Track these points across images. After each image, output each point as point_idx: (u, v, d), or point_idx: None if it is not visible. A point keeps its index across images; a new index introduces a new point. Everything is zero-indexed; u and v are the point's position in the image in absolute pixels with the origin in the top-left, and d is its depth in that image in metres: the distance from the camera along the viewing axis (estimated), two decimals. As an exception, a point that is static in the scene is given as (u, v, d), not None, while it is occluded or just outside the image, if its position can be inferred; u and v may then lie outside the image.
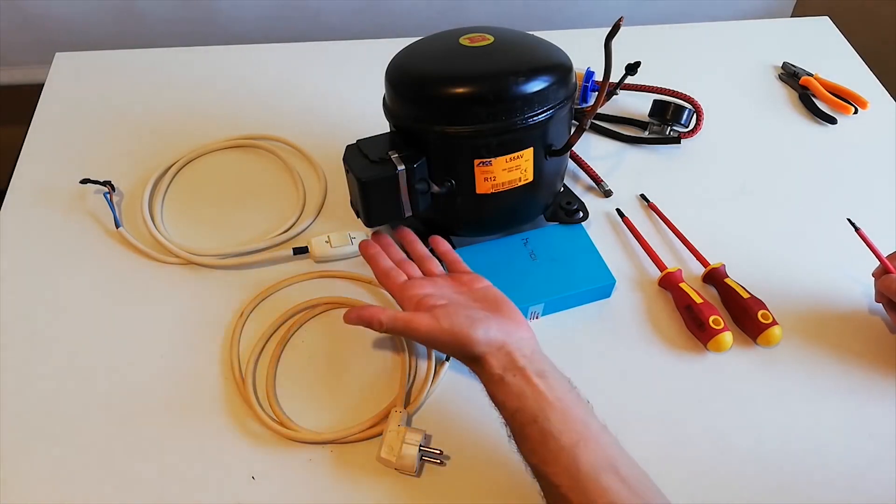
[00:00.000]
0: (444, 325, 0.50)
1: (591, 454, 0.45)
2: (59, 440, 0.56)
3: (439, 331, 0.50)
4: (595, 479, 0.43)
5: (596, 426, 0.47)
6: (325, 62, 0.90)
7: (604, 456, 0.45)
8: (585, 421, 0.47)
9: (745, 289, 0.63)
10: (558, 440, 0.45)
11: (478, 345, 0.49)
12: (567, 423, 0.46)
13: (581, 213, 0.68)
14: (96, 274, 0.66)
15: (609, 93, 0.62)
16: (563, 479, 0.44)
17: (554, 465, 0.45)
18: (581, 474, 0.44)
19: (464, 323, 0.50)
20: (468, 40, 0.58)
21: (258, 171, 0.77)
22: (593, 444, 0.45)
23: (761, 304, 0.61)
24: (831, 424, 0.58)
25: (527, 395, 0.47)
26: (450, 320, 0.51)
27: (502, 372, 0.48)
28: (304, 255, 0.68)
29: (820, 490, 0.54)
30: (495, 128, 0.55)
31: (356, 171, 0.57)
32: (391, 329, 0.53)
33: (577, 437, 0.45)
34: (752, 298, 0.62)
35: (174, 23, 1.15)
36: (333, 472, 0.54)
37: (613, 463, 0.45)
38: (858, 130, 0.83)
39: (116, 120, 0.82)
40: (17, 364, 0.60)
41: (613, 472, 0.44)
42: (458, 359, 0.53)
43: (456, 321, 0.50)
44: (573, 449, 0.44)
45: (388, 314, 0.52)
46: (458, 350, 0.51)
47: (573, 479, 0.44)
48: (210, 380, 0.59)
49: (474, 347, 0.49)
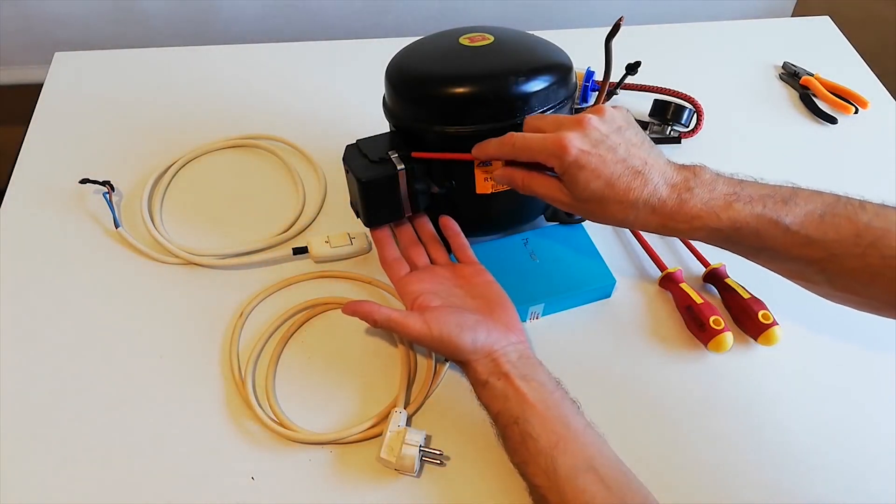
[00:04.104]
0: (434, 332, 0.52)
1: (570, 456, 0.46)
2: (58, 440, 0.55)
3: (429, 337, 0.52)
4: (572, 480, 0.44)
5: (578, 426, 0.48)
6: (325, 62, 0.90)
7: (583, 457, 0.46)
8: (566, 422, 0.48)
9: (746, 289, 0.63)
10: (537, 442, 0.46)
11: (465, 352, 0.52)
12: (547, 425, 0.47)
13: (581, 213, 0.68)
14: (96, 274, 0.66)
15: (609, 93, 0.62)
16: (542, 480, 0.45)
17: (533, 465, 0.46)
18: (559, 476, 0.45)
19: (453, 331, 0.52)
20: (468, 40, 0.58)
21: (258, 171, 0.77)
22: (573, 445, 0.46)
23: (762, 305, 0.61)
24: (831, 425, 0.57)
25: (509, 398, 0.49)
26: (440, 327, 0.52)
27: (487, 376, 0.50)
28: (304, 255, 0.67)
29: (820, 490, 0.54)
30: (495, 128, 0.55)
31: (356, 171, 0.56)
32: (385, 328, 0.54)
33: (556, 439, 0.46)
34: (752, 298, 0.62)
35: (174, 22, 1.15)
36: (333, 472, 0.54)
37: (592, 463, 0.46)
38: (859, 130, 0.83)
39: (116, 120, 0.82)
40: (17, 364, 0.60)
41: (592, 472, 0.45)
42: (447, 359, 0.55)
43: (445, 329, 0.52)
44: (552, 451, 0.46)
45: (382, 314, 0.53)
46: (447, 353, 0.54)
47: (551, 480, 0.45)
48: (210, 380, 0.59)
49: (462, 354, 0.52)
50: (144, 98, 0.84)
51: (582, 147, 0.47)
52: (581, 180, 0.47)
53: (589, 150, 0.47)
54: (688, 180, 0.48)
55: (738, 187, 0.47)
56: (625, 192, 0.47)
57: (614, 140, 0.48)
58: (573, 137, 0.47)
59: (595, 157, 0.47)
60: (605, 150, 0.48)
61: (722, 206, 0.47)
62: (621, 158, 0.48)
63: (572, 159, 0.47)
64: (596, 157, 0.47)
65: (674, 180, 0.48)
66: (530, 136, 0.50)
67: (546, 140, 0.48)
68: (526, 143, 0.50)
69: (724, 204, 0.47)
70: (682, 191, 0.47)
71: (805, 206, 0.46)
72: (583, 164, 0.47)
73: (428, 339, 0.52)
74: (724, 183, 0.48)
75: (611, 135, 0.49)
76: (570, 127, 0.49)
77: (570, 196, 0.49)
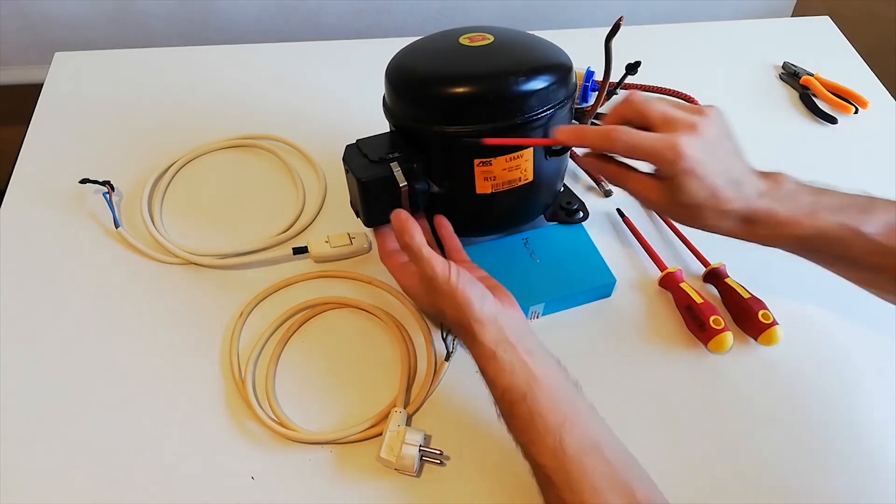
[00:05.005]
0: (453, 280, 0.50)
1: (577, 436, 0.45)
2: (58, 440, 0.55)
3: (446, 283, 0.50)
4: (579, 460, 0.44)
5: (583, 407, 0.47)
6: (324, 62, 0.90)
7: (589, 437, 0.46)
8: (572, 401, 0.47)
9: (746, 289, 0.63)
10: (545, 419, 0.46)
11: (473, 309, 0.50)
12: (554, 402, 0.46)
13: (581, 213, 0.68)
14: (96, 274, 0.66)
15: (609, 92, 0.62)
16: (549, 460, 0.45)
17: (540, 444, 0.45)
18: (566, 455, 0.44)
19: (467, 286, 0.50)
20: (468, 40, 0.58)
21: (258, 171, 0.77)
22: (579, 425, 0.46)
23: (762, 304, 0.61)
24: (832, 424, 0.58)
25: (517, 372, 0.48)
26: (463, 281, 0.50)
27: (494, 347, 0.49)
28: (304, 255, 0.67)
29: (820, 490, 0.54)
30: (495, 128, 0.55)
31: (356, 171, 0.57)
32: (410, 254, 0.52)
33: (563, 418, 0.46)
34: (752, 298, 0.62)
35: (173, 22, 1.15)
36: (333, 472, 0.54)
37: (598, 445, 0.45)
38: (859, 130, 0.83)
39: (116, 120, 0.82)
40: (17, 364, 0.60)
41: (598, 453, 0.45)
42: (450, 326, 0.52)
43: (467, 283, 0.50)
44: (559, 429, 0.45)
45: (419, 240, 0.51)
46: (454, 313, 0.51)
47: (558, 459, 0.44)
48: (210, 380, 0.59)
49: (470, 309, 0.50)
50: (144, 98, 0.84)
51: (695, 155, 0.47)
52: (687, 187, 0.47)
53: (701, 158, 0.47)
54: (773, 189, 0.49)
55: (819, 196, 0.48)
56: (725, 202, 0.48)
57: (721, 148, 0.49)
58: (688, 143, 0.47)
59: (706, 166, 0.47)
60: (715, 160, 0.48)
61: (806, 215, 0.48)
62: (726, 168, 0.48)
63: (687, 166, 0.47)
64: (707, 166, 0.47)
65: (762, 189, 0.48)
66: (638, 135, 0.48)
67: (658, 143, 0.48)
68: (634, 142, 0.48)
69: (808, 212, 0.48)
70: (770, 200, 0.48)
71: (884, 215, 0.47)
72: (694, 172, 0.47)
73: (444, 285, 0.50)
74: (806, 192, 0.49)
75: (718, 142, 0.49)
76: (683, 129, 0.48)
77: (668, 199, 0.49)
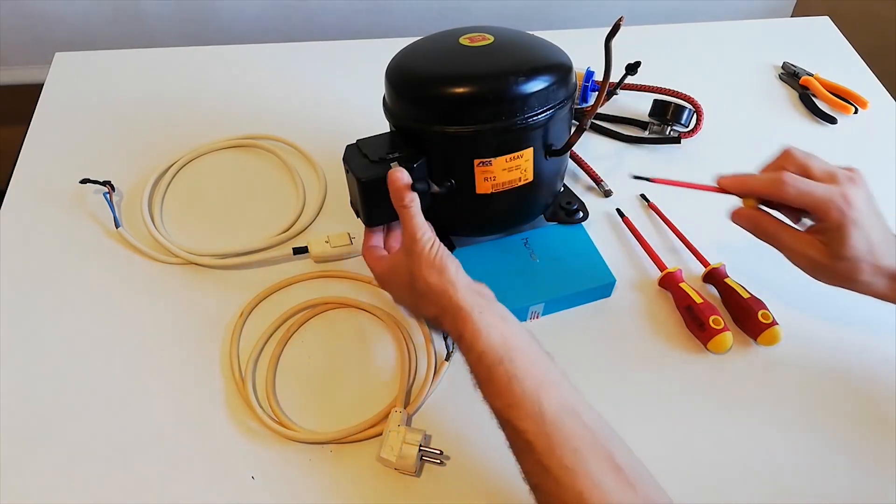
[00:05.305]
0: (433, 253, 0.51)
1: (555, 399, 0.45)
2: (58, 440, 0.56)
3: (428, 247, 0.51)
4: (559, 423, 0.44)
5: (557, 373, 0.48)
6: (325, 62, 0.90)
7: (567, 401, 0.46)
8: (547, 367, 0.48)
9: (746, 289, 0.63)
10: (522, 383, 0.46)
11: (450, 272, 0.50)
12: (530, 366, 0.47)
13: (581, 213, 0.68)
14: (96, 274, 0.66)
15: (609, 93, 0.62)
16: (528, 424, 0.44)
17: (518, 408, 0.45)
18: (545, 419, 0.44)
19: (445, 255, 0.51)
20: (468, 40, 0.58)
21: (258, 171, 0.77)
22: (555, 388, 0.46)
23: (761, 304, 0.61)
24: (832, 424, 0.58)
25: (493, 335, 0.48)
26: (441, 251, 0.51)
27: (470, 309, 0.49)
28: (304, 255, 0.67)
29: (820, 490, 0.54)
30: (495, 128, 0.55)
31: (356, 171, 0.57)
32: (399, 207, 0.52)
33: (540, 382, 0.46)
34: (752, 298, 0.62)
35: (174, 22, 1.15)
36: (333, 472, 0.54)
37: (575, 408, 0.45)
38: (858, 130, 0.83)
39: (116, 120, 0.82)
40: (17, 364, 0.60)
41: (576, 416, 0.45)
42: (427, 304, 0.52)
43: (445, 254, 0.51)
44: (536, 392, 0.45)
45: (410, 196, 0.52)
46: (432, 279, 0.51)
47: (537, 423, 0.44)
48: (210, 380, 0.59)
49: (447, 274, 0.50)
50: (144, 98, 0.84)
51: (862, 207, 0.49)
52: (850, 238, 0.49)
53: (865, 211, 0.49)
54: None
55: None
56: (881, 257, 0.50)
57: (873, 207, 0.51)
58: (856, 194, 0.49)
59: (870, 217, 0.50)
60: (873, 214, 0.50)
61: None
62: (881, 226, 0.50)
63: (854, 216, 0.49)
64: (868, 218, 0.50)
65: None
66: (809, 182, 0.51)
67: (831, 191, 0.50)
68: (807, 188, 0.50)
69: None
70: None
71: None
72: (860, 223, 0.49)
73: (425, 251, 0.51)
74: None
75: (871, 201, 0.51)
76: (847, 182, 0.50)
77: (827, 254, 0.51)
